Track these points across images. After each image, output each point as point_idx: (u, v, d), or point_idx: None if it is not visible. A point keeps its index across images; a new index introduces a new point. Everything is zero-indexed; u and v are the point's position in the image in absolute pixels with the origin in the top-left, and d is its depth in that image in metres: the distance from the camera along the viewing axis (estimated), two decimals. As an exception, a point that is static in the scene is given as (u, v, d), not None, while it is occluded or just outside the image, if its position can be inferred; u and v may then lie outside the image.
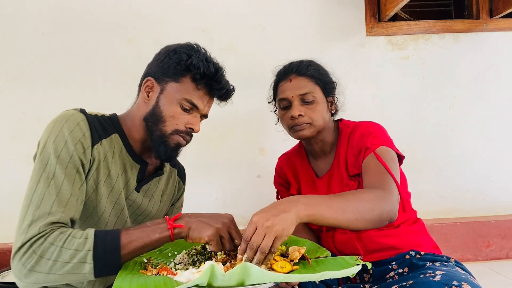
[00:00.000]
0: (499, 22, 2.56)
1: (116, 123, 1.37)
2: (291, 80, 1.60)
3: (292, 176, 1.76)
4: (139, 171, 1.39)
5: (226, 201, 2.46)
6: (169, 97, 1.32)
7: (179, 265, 1.22)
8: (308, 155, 1.74)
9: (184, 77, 1.32)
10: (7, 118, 2.33)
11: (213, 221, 1.17)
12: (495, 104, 2.59)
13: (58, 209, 1.11)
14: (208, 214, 1.22)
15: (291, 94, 1.58)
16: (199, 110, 1.35)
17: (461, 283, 1.11)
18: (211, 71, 1.31)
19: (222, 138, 2.47)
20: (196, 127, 1.35)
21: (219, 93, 1.37)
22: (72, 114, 1.23)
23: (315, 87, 1.59)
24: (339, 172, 1.59)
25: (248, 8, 2.48)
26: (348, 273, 1.02)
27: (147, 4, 2.42)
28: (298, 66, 1.61)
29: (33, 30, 2.35)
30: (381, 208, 1.25)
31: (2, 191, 2.28)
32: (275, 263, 1.10)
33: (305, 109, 1.56)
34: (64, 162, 1.16)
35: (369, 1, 2.51)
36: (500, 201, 2.60)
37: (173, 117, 1.31)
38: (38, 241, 1.06)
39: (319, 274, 0.97)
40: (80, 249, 1.05)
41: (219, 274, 0.92)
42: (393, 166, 1.43)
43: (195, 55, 1.31)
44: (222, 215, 1.21)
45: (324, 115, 1.59)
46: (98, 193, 1.26)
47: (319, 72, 1.62)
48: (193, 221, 1.17)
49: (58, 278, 1.07)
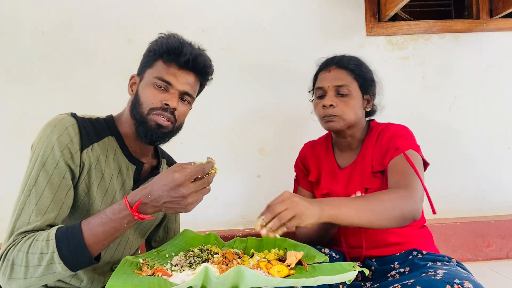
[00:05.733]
0: (499, 22, 2.55)
1: (111, 124, 1.38)
2: (330, 70, 1.64)
3: (314, 164, 1.78)
4: (135, 172, 1.40)
5: (226, 201, 2.46)
6: (145, 82, 1.36)
7: (175, 266, 1.23)
8: (334, 147, 1.76)
9: (156, 61, 1.35)
10: (7, 118, 2.34)
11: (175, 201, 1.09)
12: (495, 104, 2.59)
13: (36, 218, 1.14)
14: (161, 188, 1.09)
15: (327, 84, 1.61)
16: (173, 86, 1.34)
17: (463, 282, 1.12)
18: (175, 45, 1.33)
19: (222, 138, 2.47)
20: (172, 102, 1.33)
21: (185, 61, 1.34)
22: (62, 119, 1.25)
23: (352, 82, 1.61)
24: (362, 166, 1.61)
25: (248, 8, 2.48)
26: (344, 279, 1.02)
27: (147, 4, 2.42)
28: (340, 59, 1.65)
29: (33, 30, 2.35)
30: (403, 207, 1.29)
31: (2, 191, 2.29)
32: (272, 267, 1.11)
33: (338, 100, 1.59)
34: (49, 169, 1.18)
35: (369, 1, 2.51)
36: (500, 201, 2.59)
37: (148, 97, 1.33)
38: (10, 250, 1.11)
39: (314, 279, 0.97)
40: (45, 252, 1.08)
41: (213, 276, 0.92)
42: (420, 170, 1.46)
43: (161, 38, 1.38)
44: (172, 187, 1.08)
45: (357, 111, 1.62)
46: (90, 196, 1.27)
47: (360, 68, 1.65)
48: (160, 207, 1.11)
49: (37, 280, 1.10)
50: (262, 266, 1.13)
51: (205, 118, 2.43)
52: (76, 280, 1.31)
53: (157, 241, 1.61)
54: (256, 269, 1.12)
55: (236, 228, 2.45)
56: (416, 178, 1.40)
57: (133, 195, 1.12)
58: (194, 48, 1.38)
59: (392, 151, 1.51)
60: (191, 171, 1.09)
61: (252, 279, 0.93)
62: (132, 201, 1.11)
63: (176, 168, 1.10)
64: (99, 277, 1.36)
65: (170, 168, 1.11)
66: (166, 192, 1.08)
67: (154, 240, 1.62)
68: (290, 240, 1.43)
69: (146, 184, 1.13)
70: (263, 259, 1.24)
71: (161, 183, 1.09)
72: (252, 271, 0.93)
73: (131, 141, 1.39)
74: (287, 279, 1.00)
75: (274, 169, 2.47)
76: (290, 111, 2.47)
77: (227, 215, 2.48)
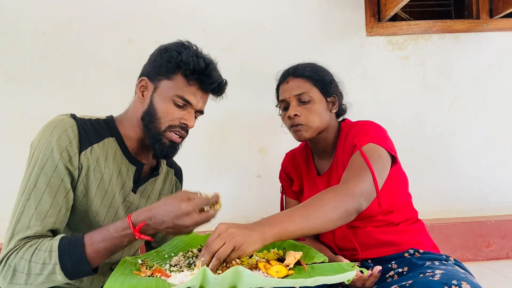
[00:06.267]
0: (499, 22, 2.55)
1: (112, 125, 1.38)
2: (288, 82, 1.65)
3: (295, 173, 1.79)
4: (135, 172, 1.40)
5: (226, 201, 2.45)
6: (162, 94, 1.34)
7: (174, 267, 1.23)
8: (313, 153, 1.76)
9: (176, 74, 1.33)
10: (7, 118, 2.34)
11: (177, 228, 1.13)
12: (495, 104, 2.58)
13: (36, 223, 1.15)
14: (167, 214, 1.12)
15: (288, 95, 1.63)
16: (193, 106, 1.36)
17: (461, 282, 1.11)
18: (201, 66, 1.31)
19: (222, 138, 2.47)
20: (190, 122, 1.36)
21: (210, 88, 1.37)
22: (61, 120, 1.25)
23: (311, 88, 1.62)
24: (337, 171, 1.60)
25: (248, 8, 2.48)
26: (343, 279, 1.02)
27: (147, 4, 2.42)
28: (295, 69, 1.67)
29: (33, 30, 2.35)
30: (345, 203, 1.25)
31: (2, 191, 2.29)
32: (271, 267, 1.10)
33: (301, 109, 1.59)
34: (48, 173, 1.19)
35: (369, 1, 2.51)
36: (500, 201, 2.59)
37: (167, 113, 1.33)
38: (12, 256, 1.12)
39: (313, 279, 0.97)
40: (47, 263, 1.09)
41: (211, 277, 0.92)
42: (378, 163, 1.40)
43: (185, 51, 1.33)
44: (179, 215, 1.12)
45: (322, 115, 1.61)
46: (88, 197, 1.27)
47: (317, 73, 1.64)
48: (160, 230, 1.15)
49: (37, 287, 1.12)
50: (261, 267, 1.12)
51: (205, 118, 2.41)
52: (76, 280, 1.31)
53: (156, 242, 1.61)
54: (255, 270, 1.12)
55: (236, 228, 2.45)
56: (365, 172, 1.35)
57: (137, 215, 1.15)
58: (218, 73, 1.39)
59: (352, 149, 1.50)
60: (198, 203, 1.13)
61: (250, 280, 0.93)
62: (135, 221, 1.14)
63: (183, 197, 1.13)
64: (98, 277, 1.36)
65: (176, 195, 1.15)
66: (170, 219, 1.12)
67: (154, 241, 1.62)
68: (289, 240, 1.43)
69: (150, 206, 1.16)
70: (262, 259, 1.23)
71: (167, 209, 1.12)
72: (250, 272, 0.93)
73: (132, 143, 1.39)
74: (286, 280, 0.99)
75: (274, 169, 2.45)
76: (290, 111, 2.47)
77: (227, 215, 2.47)
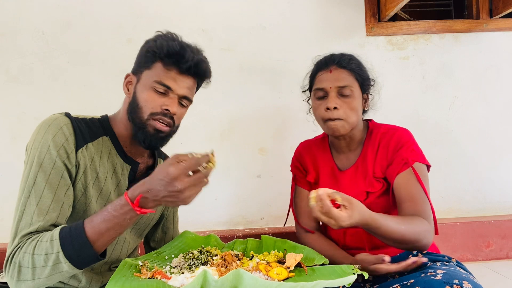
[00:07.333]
0: (499, 22, 2.55)
1: (106, 124, 1.38)
2: (331, 71, 1.57)
3: (311, 165, 1.74)
4: (130, 172, 1.40)
5: (226, 201, 2.46)
6: (143, 84, 1.33)
7: (175, 268, 1.23)
8: (331, 148, 1.72)
9: (155, 62, 1.33)
10: (7, 118, 2.34)
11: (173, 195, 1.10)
12: (495, 104, 2.58)
13: (38, 219, 1.14)
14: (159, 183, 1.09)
15: (330, 85, 1.55)
16: (174, 91, 1.33)
17: (462, 282, 1.12)
18: (175, 48, 1.31)
19: (222, 138, 2.47)
20: (172, 108, 1.33)
21: (187, 68, 1.33)
22: (56, 118, 1.24)
23: (354, 82, 1.57)
24: (363, 169, 1.60)
25: (248, 8, 2.47)
26: (344, 282, 1.02)
27: (147, 4, 2.42)
28: (340, 58, 1.59)
29: (33, 30, 2.35)
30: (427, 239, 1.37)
31: (2, 191, 2.30)
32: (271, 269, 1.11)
33: (341, 102, 1.54)
34: (46, 169, 1.18)
35: (369, 1, 2.50)
36: (500, 201, 2.59)
37: (147, 101, 1.32)
38: (16, 253, 1.12)
39: (313, 283, 0.97)
40: (50, 252, 1.08)
41: (211, 280, 0.92)
42: (427, 183, 1.49)
43: (160, 38, 1.34)
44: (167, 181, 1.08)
45: (359, 112, 1.59)
46: (87, 196, 1.27)
47: (360, 68, 1.61)
48: (160, 201, 1.12)
49: (46, 280, 1.11)
50: (261, 269, 1.13)
51: (205, 118, 2.43)
52: (75, 280, 1.31)
53: (155, 241, 1.61)
54: (255, 272, 1.12)
55: (236, 228, 2.46)
56: (427, 203, 1.44)
57: (133, 190, 1.12)
58: (195, 53, 1.36)
59: (400, 165, 1.50)
60: (186, 165, 1.08)
61: (250, 282, 0.93)
62: (132, 196, 1.11)
63: (171, 161, 1.09)
64: (97, 277, 1.35)
65: (166, 161, 1.11)
66: (163, 187, 1.08)
67: (153, 240, 1.62)
68: (290, 241, 1.43)
69: (145, 179, 1.13)
70: (262, 261, 1.24)
71: (157, 178, 1.09)
72: (250, 274, 0.93)
73: (126, 142, 1.39)
74: (286, 283, 1.00)
75: (274, 169, 2.47)
76: (290, 111, 2.47)
77: (227, 215, 2.48)
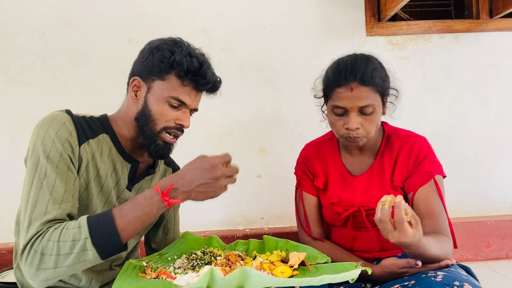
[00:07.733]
0: (499, 22, 2.55)
1: (106, 123, 1.37)
2: (352, 89, 1.40)
3: (320, 169, 1.64)
4: (130, 170, 1.40)
5: (226, 201, 2.46)
6: (156, 95, 1.32)
7: (178, 269, 1.23)
8: (341, 150, 1.64)
9: (169, 74, 1.30)
10: (7, 118, 2.33)
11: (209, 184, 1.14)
12: (495, 104, 2.59)
13: (54, 207, 1.12)
14: (195, 171, 1.15)
15: (350, 105, 1.41)
16: (187, 106, 1.34)
17: (463, 284, 1.12)
18: (195, 66, 1.29)
19: (222, 138, 2.47)
20: (186, 122, 1.35)
21: (205, 88, 1.35)
22: (57, 115, 1.24)
23: (376, 97, 1.43)
24: (379, 176, 1.55)
25: (248, 8, 2.47)
26: (348, 277, 1.03)
27: (147, 4, 2.42)
28: (363, 74, 1.41)
29: (33, 30, 2.34)
30: (449, 255, 1.34)
31: (2, 191, 2.30)
32: (275, 268, 1.11)
33: (362, 120, 1.42)
34: (54, 161, 1.17)
35: (369, 1, 2.51)
36: (500, 201, 2.60)
37: (162, 114, 1.31)
38: (37, 240, 1.08)
39: (318, 278, 0.97)
40: (77, 239, 1.06)
41: (218, 278, 0.92)
42: (444, 196, 1.52)
43: (177, 51, 1.30)
44: (207, 168, 1.15)
45: (379, 122, 1.51)
46: (89, 192, 1.27)
47: (383, 80, 1.47)
48: (190, 192, 1.15)
49: (67, 270, 1.08)
50: (265, 267, 1.13)
51: (205, 118, 2.42)
52: (75, 279, 1.30)
53: (156, 242, 1.61)
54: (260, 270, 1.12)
55: (236, 228, 2.45)
56: (446, 218, 1.47)
57: (163, 181, 1.15)
58: (212, 71, 1.36)
59: (424, 178, 1.50)
60: (222, 157, 1.16)
61: (257, 280, 0.93)
62: (163, 186, 1.13)
63: (204, 155, 1.17)
64: (97, 276, 1.34)
65: (198, 157, 1.18)
66: (200, 175, 1.13)
67: (154, 241, 1.61)
68: (292, 242, 1.43)
69: (176, 172, 1.18)
70: (265, 260, 1.24)
71: (193, 168, 1.15)
72: (257, 272, 0.93)
73: (126, 141, 1.38)
74: (292, 279, 1.00)
75: (274, 169, 2.47)
76: (290, 111, 2.47)
77: (227, 215, 2.48)
